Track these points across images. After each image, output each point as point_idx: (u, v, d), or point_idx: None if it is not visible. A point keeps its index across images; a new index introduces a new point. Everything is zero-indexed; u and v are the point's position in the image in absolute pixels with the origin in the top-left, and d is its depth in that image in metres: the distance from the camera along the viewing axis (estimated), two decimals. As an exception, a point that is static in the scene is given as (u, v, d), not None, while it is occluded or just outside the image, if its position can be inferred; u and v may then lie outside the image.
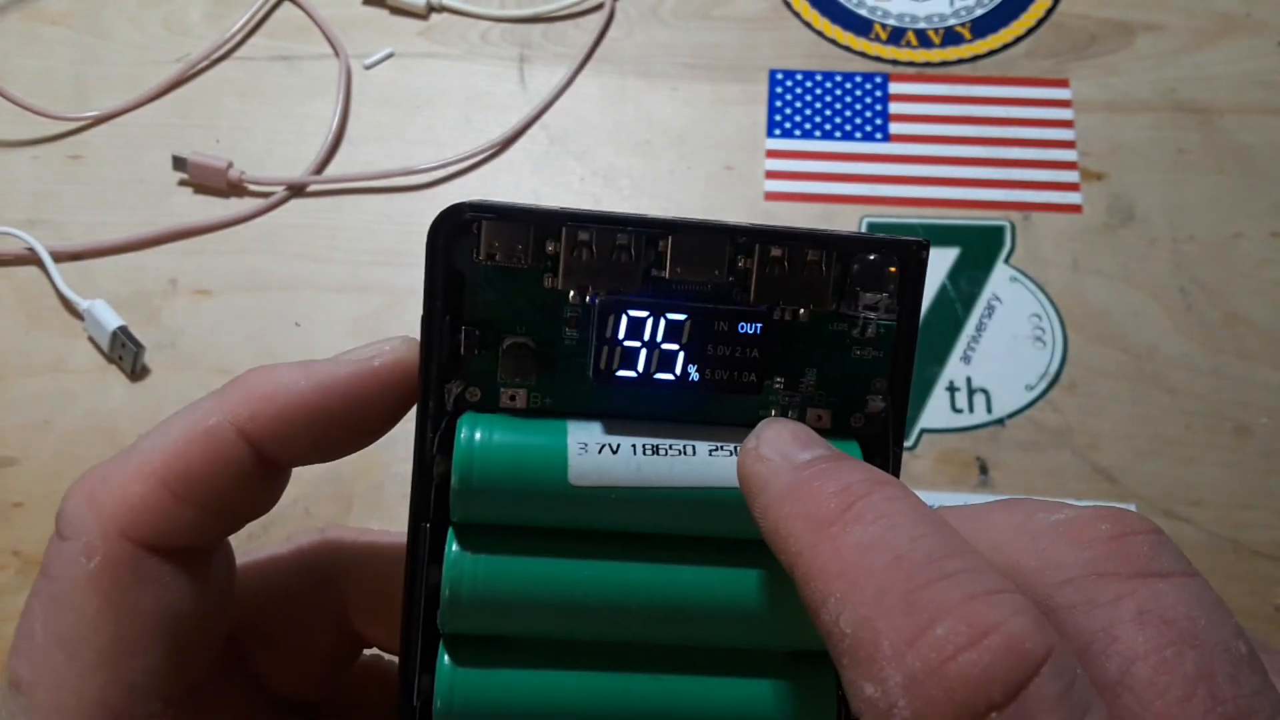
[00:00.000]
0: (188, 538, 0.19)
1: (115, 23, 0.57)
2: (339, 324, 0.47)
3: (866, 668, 0.14)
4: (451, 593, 0.18)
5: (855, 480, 0.16)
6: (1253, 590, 0.39)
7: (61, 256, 0.49)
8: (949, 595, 0.14)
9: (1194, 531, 0.41)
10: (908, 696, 0.13)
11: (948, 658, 0.13)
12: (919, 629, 0.13)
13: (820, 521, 0.15)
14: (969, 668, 0.13)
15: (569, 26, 0.56)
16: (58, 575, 0.18)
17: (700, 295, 0.18)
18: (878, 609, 0.14)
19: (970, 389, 0.44)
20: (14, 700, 0.18)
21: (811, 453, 0.17)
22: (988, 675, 0.13)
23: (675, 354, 0.18)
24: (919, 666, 0.13)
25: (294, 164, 0.51)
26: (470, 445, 0.18)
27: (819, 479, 0.16)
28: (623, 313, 0.18)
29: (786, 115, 0.52)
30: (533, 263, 0.18)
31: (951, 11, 0.55)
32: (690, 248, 0.18)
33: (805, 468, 0.16)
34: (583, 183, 0.51)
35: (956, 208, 0.49)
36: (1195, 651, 0.14)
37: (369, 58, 0.55)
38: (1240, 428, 0.43)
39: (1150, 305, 0.46)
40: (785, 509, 0.16)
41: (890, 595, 0.14)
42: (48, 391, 0.45)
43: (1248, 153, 0.50)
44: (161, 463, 0.18)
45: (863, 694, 0.14)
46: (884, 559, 0.14)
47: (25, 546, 0.42)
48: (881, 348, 0.19)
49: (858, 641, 0.14)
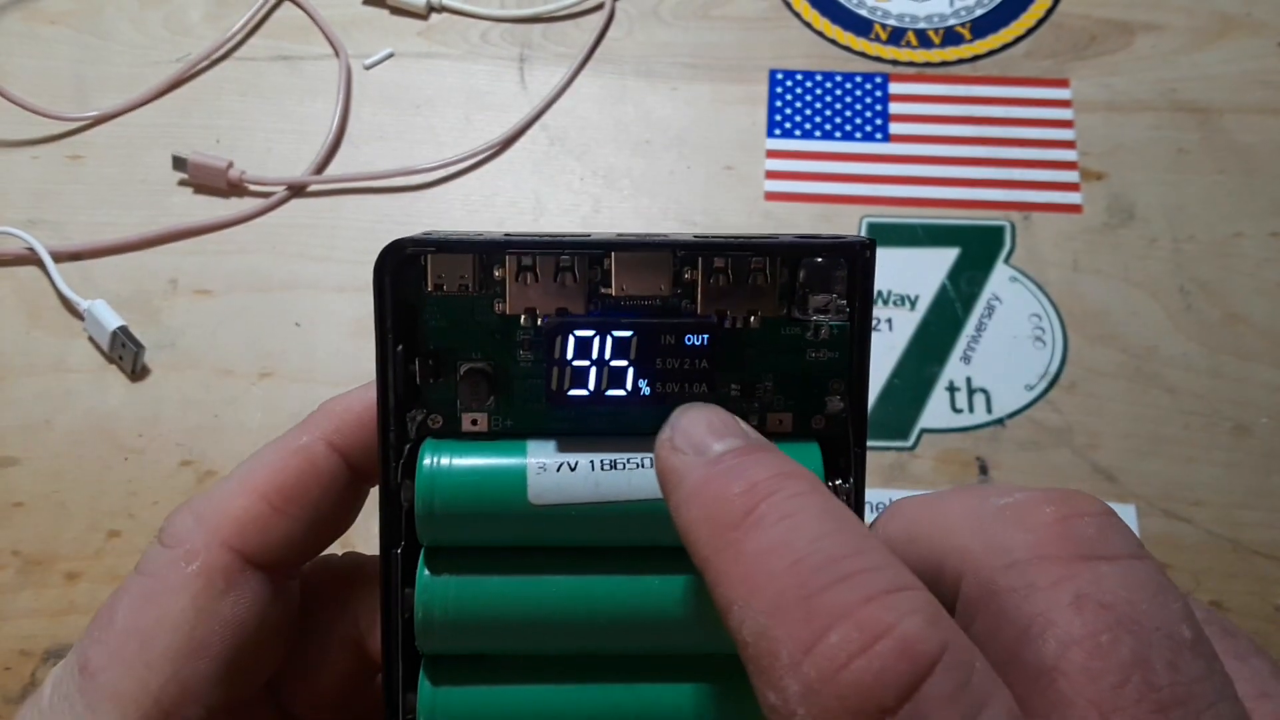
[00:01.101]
0: (282, 551, 0.20)
1: (116, 23, 0.57)
2: (339, 324, 0.47)
3: (767, 676, 0.14)
4: (424, 616, 0.18)
5: (761, 479, 0.15)
6: (1252, 590, 0.39)
7: (62, 256, 0.49)
8: (845, 599, 0.13)
9: (1193, 531, 0.41)
10: (805, 705, 0.13)
11: (841, 665, 0.13)
12: (814, 637, 0.13)
13: (724, 525, 0.15)
14: (861, 674, 0.13)
15: (569, 26, 0.56)
16: (152, 574, 0.20)
17: (650, 310, 0.19)
18: (775, 617, 0.14)
19: (970, 389, 0.44)
20: (75, 680, 0.19)
21: (725, 443, 0.16)
22: (880, 680, 0.13)
23: (625, 370, 0.19)
24: (814, 675, 0.13)
25: (294, 164, 0.51)
26: (432, 471, 0.18)
27: (725, 477, 0.15)
28: (569, 333, 0.18)
29: (786, 115, 0.52)
30: (481, 290, 0.19)
31: (951, 11, 0.55)
32: (633, 264, 0.18)
33: (715, 463, 0.16)
34: (583, 183, 0.51)
35: (956, 208, 0.49)
36: (1132, 636, 0.14)
37: (369, 58, 0.55)
38: (1240, 427, 0.43)
39: (1150, 305, 0.46)
40: (693, 512, 0.15)
41: (787, 602, 0.14)
42: (48, 391, 0.45)
43: (1247, 153, 0.50)
44: (261, 479, 0.20)
45: (767, 702, 0.14)
46: (784, 563, 0.14)
47: (25, 546, 0.42)
48: (836, 348, 0.19)
49: (759, 651, 0.14)
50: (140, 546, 0.41)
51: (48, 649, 0.40)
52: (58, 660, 0.40)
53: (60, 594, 0.41)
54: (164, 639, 0.19)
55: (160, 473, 0.43)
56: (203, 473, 0.43)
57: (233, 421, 0.45)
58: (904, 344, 0.45)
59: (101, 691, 0.18)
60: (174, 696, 0.18)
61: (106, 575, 0.41)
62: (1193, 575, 0.40)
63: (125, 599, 0.19)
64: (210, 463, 0.44)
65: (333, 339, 0.47)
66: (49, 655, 0.40)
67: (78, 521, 0.42)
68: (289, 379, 0.46)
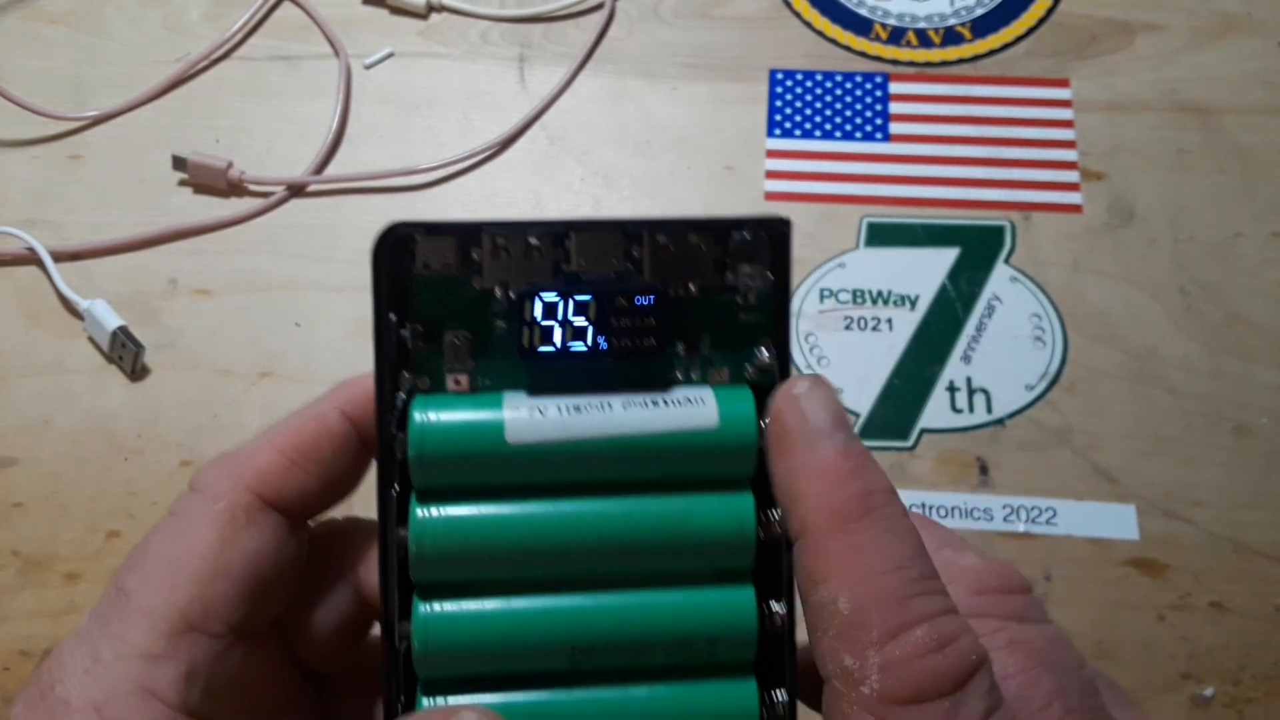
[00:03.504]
0: (297, 500, 0.23)
1: (115, 23, 0.57)
2: (339, 324, 0.47)
3: (851, 643, 0.17)
4: (416, 546, 0.21)
5: (877, 488, 0.19)
6: (1253, 590, 0.39)
7: (61, 256, 0.49)
8: (928, 608, 0.18)
9: (1194, 531, 0.41)
10: (880, 674, 0.17)
11: (920, 654, 0.17)
12: (903, 627, 0.17)
13: (843, 516, 0.18)
14: (935, 664, 0.17)
15: (569, 26, 0.56)
16: (183, 513, 0.22)
17: (606, 281, 0.22)
18: (874, 602, 0.17)
19: (970, 389, 0.44)
20: (112, 601, 0.21)
21: (845, 434, 0.20)
22: (945, 673, 0.17)
23: (585, 329, 0.21)
24: (897, 655, 0.17)
25: (294, 164, 0.51)
26: (422, 422, 0.21)
27: (853, 474, 0.19)
28: (536, 296, 0.21)
29: (786, 115, 0.52)
30: (461, 269, 0.22)
31: (952, 11, 0.55)
32: (590, 243, 0.21)
33: (844, 454, 0.19)
34: (582, 183, 0.51)
35: (957, 207, 0.49)
36: (1052, 674, 0.19)
37: (369, 57, 0.55)
38: (1240, 428, 0.43)
39: (1150, 305, 0.46)
40: (816, 487, 0.19)
41: (886, 596, 0.18)
42: (47, 391, 0.45)
43: (1248, 153, 0.50)
44: (281, 438, 0.23)
45: (841, 662, 0.18)
46: (888, 565, 0.18)
47: (25, 546, 0.42)
48: (763, 311, 0.22)
49: (851, 622, 0.18)
50: (140, 547, 0.41)
51: (47, 649, 0.40)
52: (57, 660, 0.40)
53: (60, 594, 0.41)
54: (191, 564, 0.21)
55: (160, 473, 0.43)
56: (202, 473, 0.43)
57: (232, 422, 0.45)
58: (904, 344, 0.45)
59: (135, 608, 0.21)
60: (198, 613, 0.21)
61: (106, 575, 0.41)
62: (1193, 576, 0.40)
63: (158, 533, 0.22)
64: (210, 463, 0.44)
65: (332, 339, 0.46)
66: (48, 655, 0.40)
67: (77, 522, 0.42)
68: (289, 379, 0.45)
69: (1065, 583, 0.40)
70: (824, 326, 0.46)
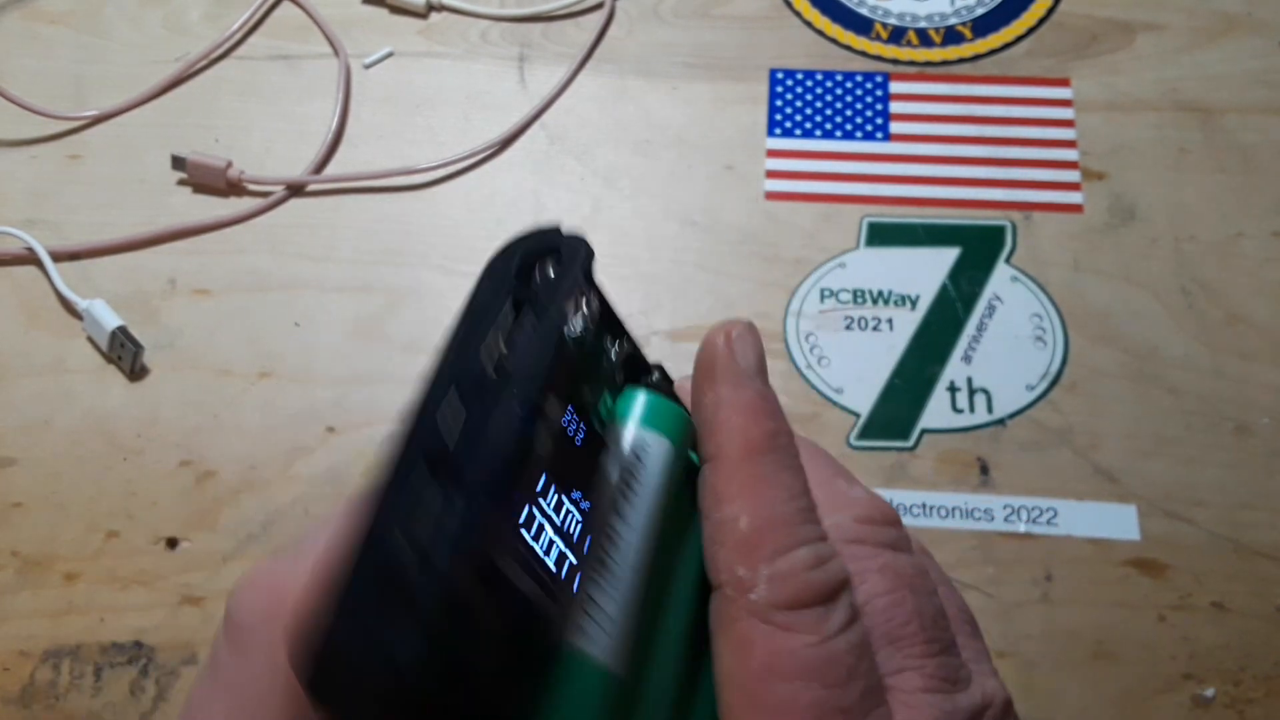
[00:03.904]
0: None
1: (114, 22, 0.57)
2: (339, 324, 0.47)
3: (746, 556, 0.20)
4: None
5: (783, 431, 0.22)
6: (1254, 591, 0.39)
7: (60, 256, 0.49)
8: (811, 534, 0.20)
9: (1195, 532, 0.40)
10: (768, 584, 0.20)
11: (802, 569, 0.20)
12: (790, 546, 0.20)
13: (753, 448, 0.21)
14: (812, 578, 0.20)
15: (569, 25, 0.56)
16: (238, 685, 0.19)
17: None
18: (769, 524, 0.20)
19: (971, 389, 0.44)
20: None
21: (764, 380, 0.22)
22: (819, 586, 0.20)
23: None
24: (783, 568, 0.20)
25: (293, 163, 0.51)
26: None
27: (766, 416, 0.22)
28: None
29: (787, 115, 0.52)
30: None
31: (952, 11, 0.55)
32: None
33: (761, 396, 0.22)
34: (582, 182, 0.51)
35: (957, 207, 0.49)
36: (914, 596, 0.21)
37: (368, 57, 0.55)
38: (1241, 428, 0.43)
39: (1151, 305, 0.46)
40: (735, 420, 0.21)
41: (779, 520, 0.20)
42: (47, 391, 0.45)
43: (1249, 152, 0.50)
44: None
45: (734, 571, 0.20)
46: (783, 495, 0.21)
47: (24, 547, 0.42)
48: (605, 332, 0.22)
49: (747, 538, 0.20)
50: (139, 547, 0.41)
51: (46, 649, 0.40)
52: (56, 660, 0.40)
53: (59, 594, 0.41)
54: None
55: (159, 473, 0.43)
56: (201, 473, 0.43)
57: (232, 422, 0.44)
58: (904, 344, 0.45)
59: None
60: None
61: (105, 575, 0.41)
62: (1194, 576, 0.40)
63: (205, 701, 0.20)
64: (209, 463, 0.43)
65: (333, 339, 0.46)
66: (47, 655, 0.40)
67: (76, 522, 0.42)
68: (288, 379, 0.45)
69: (1066, 583, 0.40)
70: (824, 326, 0.46)
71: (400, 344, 0.46)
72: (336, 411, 0.44)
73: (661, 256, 0.48)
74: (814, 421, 0.43)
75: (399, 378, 0.45)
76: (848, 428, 0.43)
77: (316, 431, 0.44)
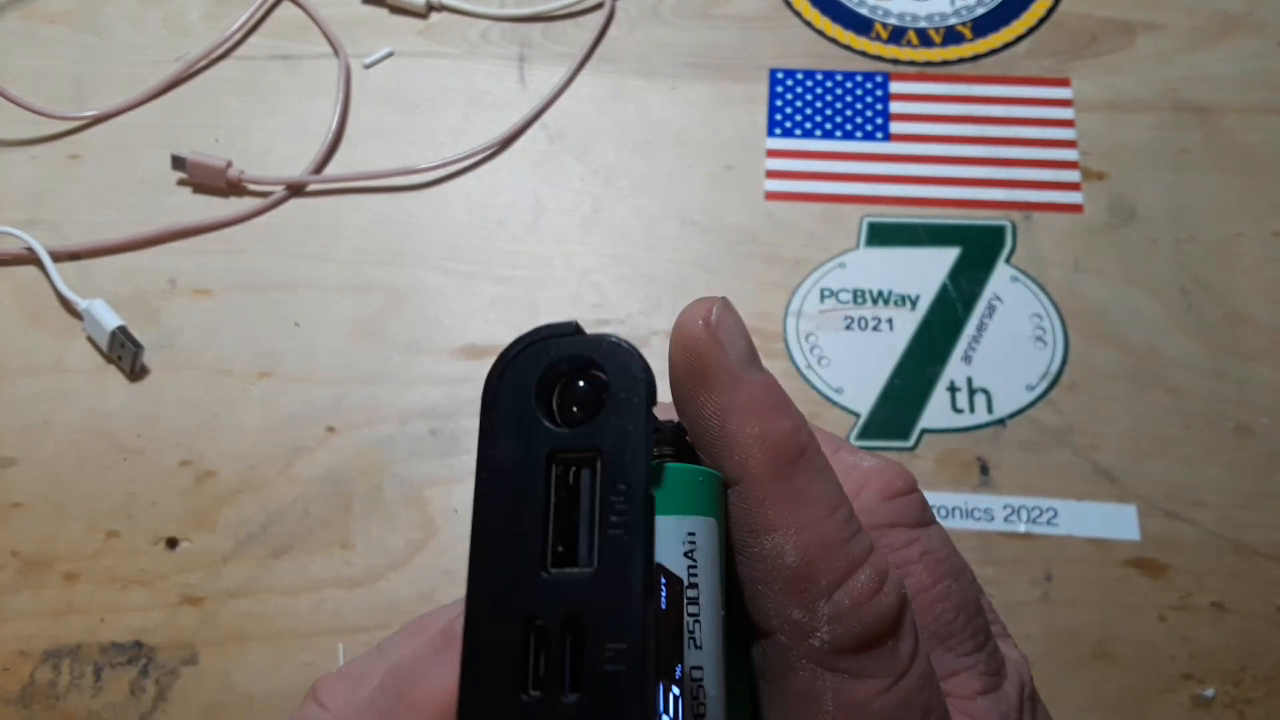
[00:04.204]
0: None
1: (114, 22, 0.57)
2: (339, 324, 0.47)
3: (800, 595, 0.17)
4: None
5: (801, 423, 0.18)
6: (1254, 591, 0.39)
7: (60, 256, 0.49)
8: (863, 547, 0.18)
9: (1195, 532, 0.40)
10: (830, 625, 0.17)
11: (866, 599, 0.17)
12: (848, 573, 0.17)
13: (780, 458, 0.18)
14: (879, 607, 0.17)
15: (569, 25, 0.56)
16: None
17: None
18: (820, 551, 0.17)
19: (971, 389, 0.44)
20: None
21: (760, 364, 0.19)
22: (886, 614, 0.17)
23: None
24: (846, 603, 0.17)
25: (293, 163, 0.51)
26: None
27: (780, 412, 0.18)
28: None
29: (787, 115, 0.52)
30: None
31: (952, 11, 0.55)
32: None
33: (765, 388, 0.18)
34: (582, 182, 0.50)
35: (957, 207, 0.49)
36: (958, 585, 0.20)
37: (368, 57, 0.55)
38: (1241, 428, 0.43)
39: (1151, 305, 0.46)
40: (750, 428, 0.18)
41: (829, 542, 0.17)
42: (47, 391, 0.45)
43: (1249, 152, 0.50)
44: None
45: (789, 616, 0.17)
46: (827, 509, 0.18)
47: (24, 547, 0.42)
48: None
49: (799, 574, 0.17)
50: (139, 547, 0.41)
51: (46, 650, 0.40)
52: (56, 661, 0.40)
53: (58, 594, 0.41)
54: None
55: (159, 473, 0.43)
56: (201, 473, 0.43)
57: (232, 422, 0.44)
58: (904, 344, 0.45)
59: None
60: None
61: (105, 576, 0.41)
62: (1194, 576, 0.40)
63: None
64: (209, 463, 0.43)
65: (332, 339, 0.46)
66: (47, 656, 0.40)
67: (76, 522, 0.42)
68: (288, 379, 0.45)
69: (1066, 583, 0.40)
70: (824, 326, 0.46)
71: (400, 344, 0.46)
72: (336, 411, 0.44)
73: (661, 256, 0.48)
74: (814, 422, 0.43)
75: (399, 378, 0.45)
76: (848, 428, 0.43)
77: (316, 431, 0.44)
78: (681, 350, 0.18)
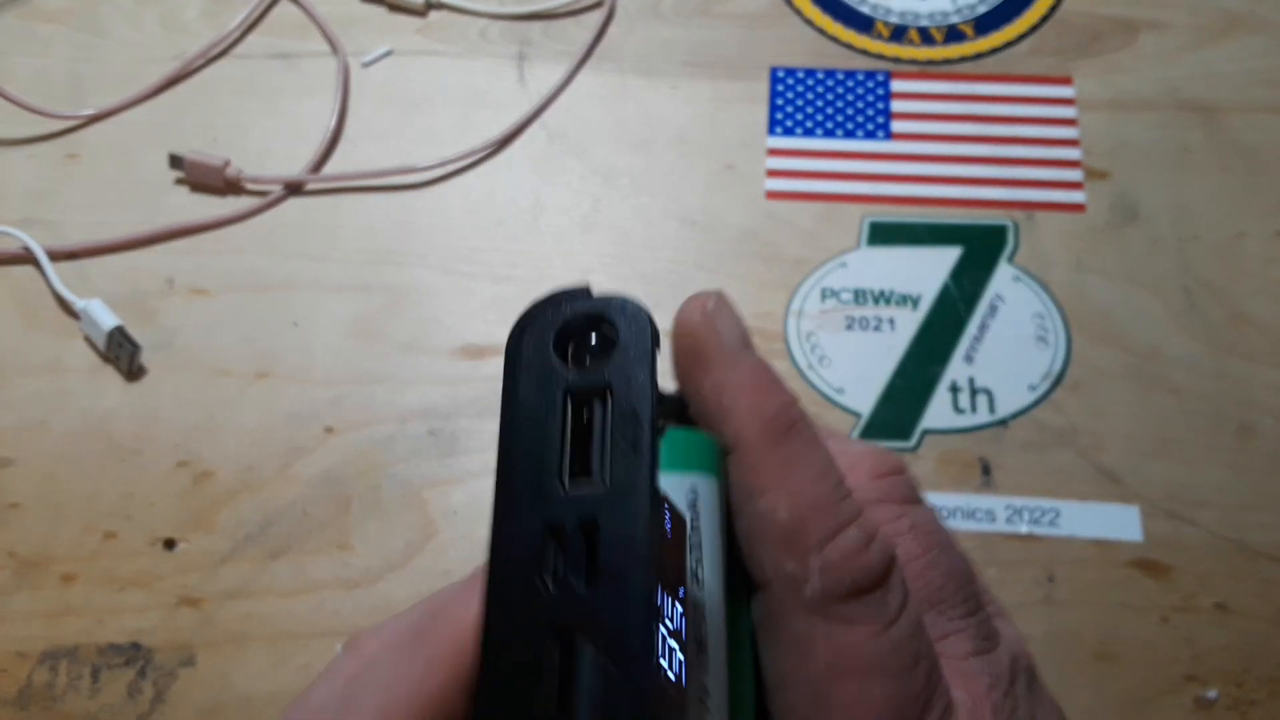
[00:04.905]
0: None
1: (112, 21, 0.56)
2: (338, 324, 0.47)
3: (793, 549, 0.19)
4: None
5: (791, 400, 0.20)
6: (1256, 592, 0.39)
7: (58, 256, 0.48)
8: (852, 510, 0.19)
9: (1197, 533, 0.40)
10: (821, 575, 0.19)
11: (854, 553, 0.19)
12: (837, 530, 0.19)
13: (773, 429, 0.20)
14: (867, 561, 0.19)
15: (569, 24, 0.55)
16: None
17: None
18: (810, 510, 0.19)
19: (973, 389, 0.44)
20: None
21: (752, 349, 0.21)
22: (874, 567, 0.19)
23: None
24: (835, 556, 0.19)
25: (292, 162, 0.51)
26: None
27: (771, 390, 0.20)
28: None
29: (788, 113, 0.52)
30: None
31: (954, 9, 0.55)
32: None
33: (758, 369, 0.21)
34: (582, 181, 0.50)
35: (959, 206, 0.49)
36: (946, 555, 0.21)
37: (367, 55, 0.55)
38: (1244, 428, 0.42)
39: (1154, 305, 0.46)
40: (745, 402, 0.20)
41: (820, 503, 0.19)
42: (44, 391, 0.45)
43: (1252, 151, 0.49)
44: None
45: (783, 568, 0.19)
46: (816, 474, 0.20)
47: (21, 547, 0.42)
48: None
49: (791, 529, 0.19)
50: (137, 547, 0.41)
51: (43, 651, 0.40)
52: (53, 662, 0.39)
53: (56, 595, 0.41)
54: None
55: (157, 473, 0.43)
56: (199, 473, 0.43)
57: (230, 422, 0.44)
58: (906, 344, 0.45)
59: None
60: None
61: (102, 576, 0.41)
62: (1197, 577, 0.39)
63: None
64: (207, 463, 0.43)
65: (331, 339, 0.46)
66: (45, 657, 0.40)
67: (73, 523, 0.42)
68: (286, 379, 0.45)
69: (1068, 584, 0.40)
70: (825, 326, 0.46)
71: (399, 344, 0.46)
72: (335, 412, 0.44)
73: (661, 256, 0.48)
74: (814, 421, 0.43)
75: (398, 378, 0.45)
76: (849, 428, 0.43)
77: (315, 432, 0.44)
78: (682, 335, 0.21)
